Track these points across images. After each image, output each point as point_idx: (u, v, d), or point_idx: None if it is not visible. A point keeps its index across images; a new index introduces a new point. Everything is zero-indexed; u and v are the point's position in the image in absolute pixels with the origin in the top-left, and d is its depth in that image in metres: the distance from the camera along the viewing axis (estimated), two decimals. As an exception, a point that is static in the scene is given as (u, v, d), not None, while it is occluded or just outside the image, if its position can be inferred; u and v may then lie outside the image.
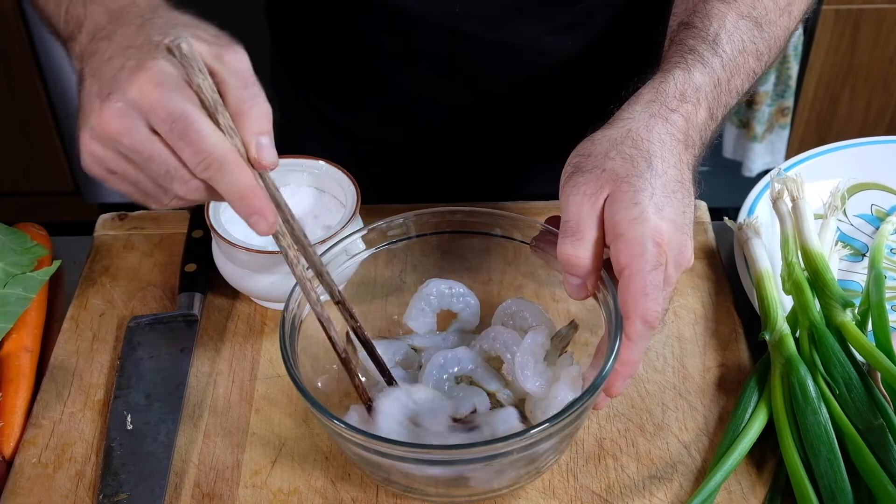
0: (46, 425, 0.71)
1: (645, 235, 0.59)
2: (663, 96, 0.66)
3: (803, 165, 0.89)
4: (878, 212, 0.89)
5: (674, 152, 0.64)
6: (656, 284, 0.59)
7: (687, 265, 0.63)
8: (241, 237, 0.75)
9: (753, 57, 0.73)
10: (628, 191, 0.61)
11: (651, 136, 0.64)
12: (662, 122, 0.65)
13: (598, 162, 0.63)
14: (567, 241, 0.62)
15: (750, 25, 0.73)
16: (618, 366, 0.61)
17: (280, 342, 0.63)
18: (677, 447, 0.70)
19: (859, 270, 0.83)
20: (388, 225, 0.71)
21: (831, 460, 0.64)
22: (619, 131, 0.64)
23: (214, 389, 0.74)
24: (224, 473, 0.68)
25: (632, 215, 0.60)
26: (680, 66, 0.69)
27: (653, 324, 0.60)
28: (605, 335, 0.64)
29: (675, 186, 0.63)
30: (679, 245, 0.62)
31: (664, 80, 0.68)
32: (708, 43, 0.70)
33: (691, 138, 0.66)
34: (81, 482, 0.68)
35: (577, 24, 0.88)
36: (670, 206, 0.61)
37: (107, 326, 0.79)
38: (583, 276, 0.62)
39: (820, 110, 1.94)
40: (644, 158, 0.62)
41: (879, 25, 1.80)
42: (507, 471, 0.62)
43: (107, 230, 0.87)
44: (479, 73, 0.90)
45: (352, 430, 0.58)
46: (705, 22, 0.72)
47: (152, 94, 0.55)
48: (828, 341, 0.69)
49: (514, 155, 0.99)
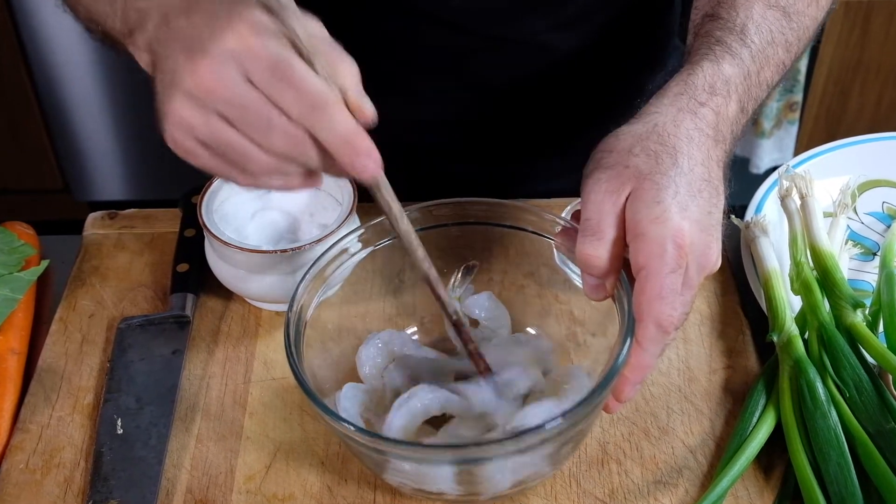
0: (34, 430, 0.70)
1: (665, 236, 0.58)
2: (692, 89, 0.65)
3: (812, 162, 0.88)
4: (889, 209, 0.87)
5: (702, 149, 0.62)
6: (673, 288, 0.58)
7: (712, 268, 0.61)
8: (234, 236, 0.74)
9: (783, 48, 0.71)
10: (651, 189, 0.59)
11: (678, 132, 0.62)
12: (691, 117, 0.63)
13: (620, 158, 0.61)
14: (587, 240, 0.60)
15: (778, 15, 0.71)
16: (627, 371, 0.59)
17: (286, 346, 0.62)
18: (683, 452, 0.68)
19: (870, 270, 0.82)
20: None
21: (841, 465, 0.63)
22: (645, 126, 0.63)
23: (207, 392, 0.73)
24: (217, 479, 0.67)
25: (653, 214, 0.58)
26: (708, 57, 0.67)
27: (667, 329, 0.58)
28: (618, 337, 0.63)
29: (702, 185, 0.61)
30: (703, 247, 0.60)
31: (692, 72, 0.66)
32: (735, 34, 0.69)
33: (721, 133, 0.65)
34: (70, 488, 0.67)
35: (580, 19, 0.86)
36: (695, 205, 0.60)
37: (96, 328, 0.78)
38: (602, 277, 0.61)
39: (829, 105, 1.92)
40: (669, 155, 0.61)
41: (891, 18, 1.79)
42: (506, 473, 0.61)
43: (96, 229, 0.86)
44: (479, 69, 0.89)
45: (362, 434, 0.58)
46: (731, 13, 0.70)
47: (250, 40, 0.54)
48: (837, 343, 0.68)
49: (517, 152, 0.98)
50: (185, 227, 0.83)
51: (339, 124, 0.55)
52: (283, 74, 0.54)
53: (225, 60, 0.54)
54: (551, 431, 0.57)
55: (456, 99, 0.92)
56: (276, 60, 0.54)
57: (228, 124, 0.56)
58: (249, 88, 0.55)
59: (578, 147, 0.96)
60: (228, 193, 0.77)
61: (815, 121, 1.94)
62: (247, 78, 0.55)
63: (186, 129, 0.57)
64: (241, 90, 0.55)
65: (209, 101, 0.55)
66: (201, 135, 0.56)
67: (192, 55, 0.55)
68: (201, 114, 0.56)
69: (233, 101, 0.55)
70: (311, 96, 0.54)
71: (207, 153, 0.57)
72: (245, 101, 0.55)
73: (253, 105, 0.55)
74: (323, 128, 0.55)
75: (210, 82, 0.55)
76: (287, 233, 0.78)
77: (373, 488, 0.66)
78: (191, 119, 0.56)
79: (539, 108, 0.93)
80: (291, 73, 0.54)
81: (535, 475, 0.63)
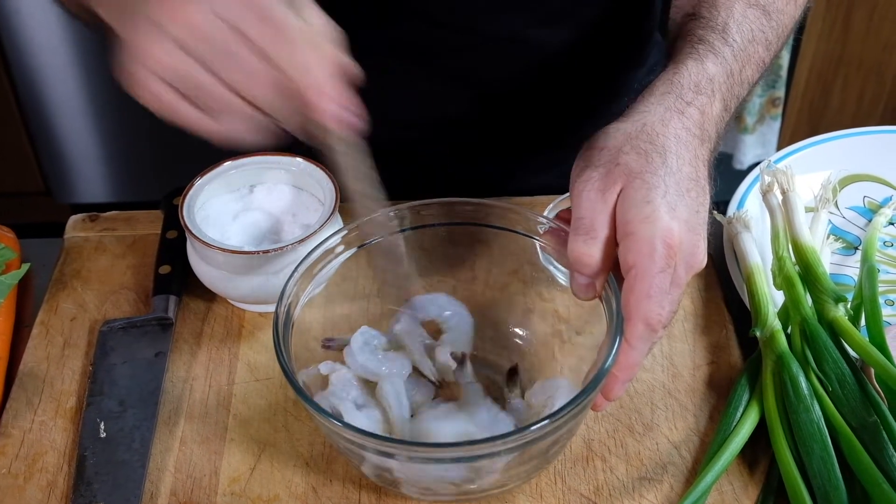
0: (16, 434, 0.70)
1: (655, 235, 0.58)
2: (678, 88, 0.65)
3: (794, 157, 0.88)
4: (870, 204, 0.88)
5: (689, 148, 0.63)
6: (662, 287, 0.58)
7: (699, 267, 0.61)
8: (216, 237, 0.73)
9: (763, 46, 0.72)
10: (641, 187, 0.59)
11: (667, 132, 0.63)
12: (678, 116, 0.64)
13: (611, 156, 0.62)
14: (580, 240, 0.60)
15: (758, 14, 0.72)
16: (616, 370, 0.59)
17: (275, 345, 0.62)
18: (667, 447, 0.68)
19: (852, 264, 0.82)
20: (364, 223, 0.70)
21: (824, 459, 0.63)
22: (635, 125, 0.63)
23: (191, 395, 0.72)
24: (201, 481, 0.67)
25: (643, 214, 0.59)
26: (692, 56, 0.68)
27: (655, 327, 0.58)
28: (606, 336, 0.63)
29: (690, 185, 0.61)
30: (691, 246, 0.60)
31: (677, 70, 0.67)
32: (717, 32, 0.70)
33: (707, 132, 0.65)
34: (53, 493, 0.66)
35: (563, 15, 0.86)
36: (683, 204, 0.60)
37: (78, 331, 0.77)
38: (592, 276, 0.61)
39: (812, 100, 1.93)
40: (659, 154, 0.61)
41: (872, 13, 1.79)
42: (490, 472, 0.60)
43: (77, 232, 0.86)
44: (463, 66, 0.88)
45: (353, 431, 0.57)
46: (713, 11, 0.71)
47: None
48: (820, 337, 0.68)
49: (501, 149, 0.98)
50: (166, 229, 0.82)
51: (313, 62, 0.55)
52: (262, 14, 0.54)
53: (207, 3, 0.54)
54: (538, 431, 0.57)
55: (439, 96, 0.91)
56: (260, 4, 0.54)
57: (202, 65, 0.55)
58: (227, 28, 0.54)
59: (564, 142, 0.97)
60: (210, 195, 0.77)
61: (798, 116, 1.94)
62: (228, 22, 0.54)
63: (157, 69, 0.55)
64: (223, 32, 0.54)
65: (190, 43, 0.55)
66: (172, 74, 0.55)
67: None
68: (175, 53, 0.55)
69: (214, 42, 0.54)
70: (288, 35, 0.54)
71: (173, 95, 0.56)
72: (225, 44, 0.54)
73: (230, 44, 0.54)
74: (292, 60, 0.55)
75: (192, 24, 0.54)
76: (269, 233, 0.77)
77: (358, 488, 0.66)
78: (164, 57, 0.55)
79: (523, 104, 0.93)
80: (270, 12, 0.54)
81: (521, 475, 0.63)
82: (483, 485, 0.62)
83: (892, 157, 0.90)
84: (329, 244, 0.68)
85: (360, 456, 0.60)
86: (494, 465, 0.59)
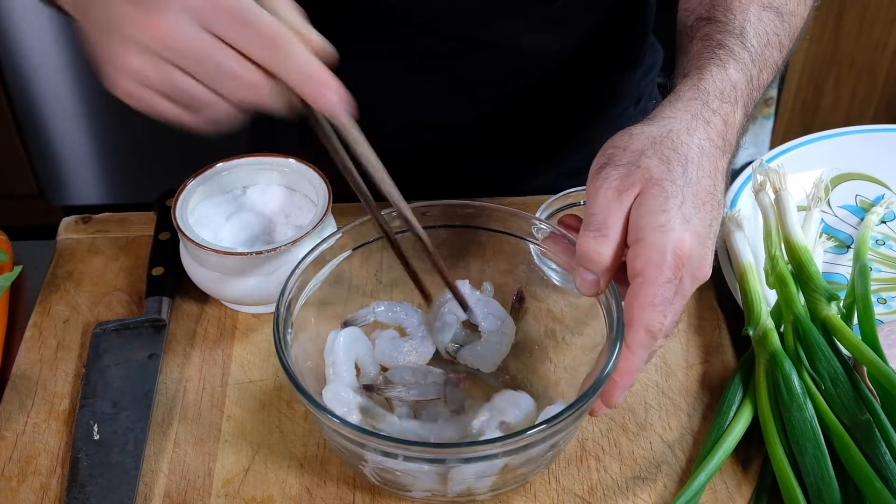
0: (9, 437, 0.70)
1: (666, 245, 0.58)
2: (704, 95, 0.66)
3: (786, 156, 0.88)
4: (862, 202, 0.88)
5: (711, 160, 0.63)
6: (666, 297, 0.58)
7: (703, 279, 0.62)
8: (209, 238, 0.73)
9: (777, 49, 0.72)
10: (659, 195, 0.60)
11: (691, 141, 0.63)
12: (703, 125, 0.64)
13: (633, 157, 0.62)
14: (590, 235, 0.60)
15: (772, 16, 0.72)
16: (616, 375, 0.60)
17: (276, 343, 0.62)
18: (661, 447, 0.68)
19: (844, 263, 0.82)
20: (362, 223, 0.70)
21: (818, 457, 0.63)
22: (660, 129, 0.63)
23: (184, 396, 0.72)
24: (195, 483, 0.67)
25: (658, 222, 0.59)
26: (714, 62, 0.68)
27: (656, 335, 0.59)
28: (606, 342, 0.63)
29: (706, 197, 0.62)
30: (699, 259, 0.61)
31: (702, 76, 0.67)
32: (735, 37, 0.69)
33: (729, 142, 0.66)
34: (47, 495, 0.66)
35: (557, 22, 0.86)
36: (698, 217, 0.60)
37: (71, 333, 0.77)
38: (599, 273, 0.61)
39: (804, 100, 1.93)
40: (681, 164, 0.61)
41: (864, 12, 1.80)
42: (488, 475, 0.60)
43: (70, 234, 0.85)
44: (458, 73, 0.88)
45: (353, 430, 0.58)
46: (728, 15, 0.71)
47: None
48: (813, 335, 0.68)
49: (500, 154, 0.97)
50: (159, 231, 0.82)
51: (299, 59, 0.56)
52: (241, 18, 0.54)
53: (178, 11, 0.54)
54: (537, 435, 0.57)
55: (434, 102, 0.91)
56: (232, 4, 0.54)
57: (185, 73, 0.56)
58: (206, 36, 0.55)
59: (560, 146, 0.97)
60: (203, 196, 0.77)
61: (790, 115, 1.95)
62: (202, 25, 0.55)
63: (139, 79, 0.56)
64: (199, 39, 0.55)
65: (166, 53, 0.55)
66: (156, 83, 0.56)
67: (139, 6, 0.55)
68: (156, 65, 0.55)
69: (190, 50, 0.55)
70: (270, 34, 0.55)
71: (159, 98, 0.57)
72: (203, 50, 0.55)
73: (210, 52, 0.55)
74: (284, 64, 0.55)
75: (166, 34, 0.54)
76: (262, 234, 0.77)
77: (352, 489, 0.66)
78: (144, 70, 0.56)
79: (519, 109, 0.93)
80: (248, 14, 0.55)
81: (518, 478, 0.63)
82: (479, 488, 0.62)
83: (883, 155, 0.90)
84: (329, 243, 0.68)
85: (360, 455, 0.60)
86: (494, 466, 0.59)
